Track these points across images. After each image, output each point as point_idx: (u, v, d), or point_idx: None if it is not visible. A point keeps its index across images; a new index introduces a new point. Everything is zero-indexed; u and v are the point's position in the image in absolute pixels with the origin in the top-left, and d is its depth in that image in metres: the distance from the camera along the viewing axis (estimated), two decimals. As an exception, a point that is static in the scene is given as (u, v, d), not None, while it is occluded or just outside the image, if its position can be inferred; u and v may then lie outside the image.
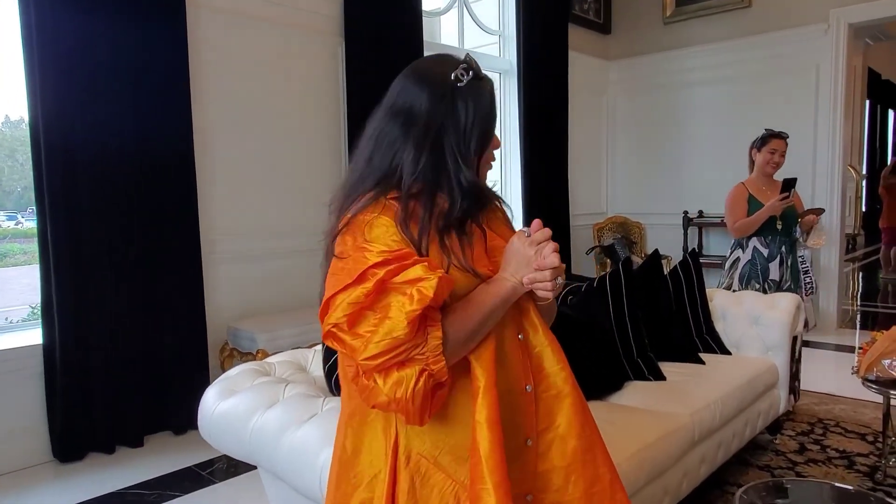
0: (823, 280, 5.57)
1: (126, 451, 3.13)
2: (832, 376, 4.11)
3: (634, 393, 2.43)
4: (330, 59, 4.08)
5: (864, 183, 10.23)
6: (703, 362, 2.82)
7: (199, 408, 1.80)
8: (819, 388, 3.86)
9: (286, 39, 3.84)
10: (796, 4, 5.51)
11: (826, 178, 5.46)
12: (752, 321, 3.09)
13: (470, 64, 1.11)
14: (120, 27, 3.02)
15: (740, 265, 3.71)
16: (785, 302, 3.08)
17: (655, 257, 3.00)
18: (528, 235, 1.08)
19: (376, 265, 1.00)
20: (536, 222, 1.10)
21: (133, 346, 3.16)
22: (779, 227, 3.64)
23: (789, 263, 3.67)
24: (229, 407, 1.72)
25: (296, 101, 3.92)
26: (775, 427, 3.12)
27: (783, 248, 3.66)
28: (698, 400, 2.38)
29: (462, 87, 1.10)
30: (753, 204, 3.68)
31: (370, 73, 4.05)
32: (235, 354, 3.51)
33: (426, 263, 1.01)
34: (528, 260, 1.07)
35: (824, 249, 5.55)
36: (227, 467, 2.91)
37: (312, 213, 4.01)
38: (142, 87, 3.11)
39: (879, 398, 3.65)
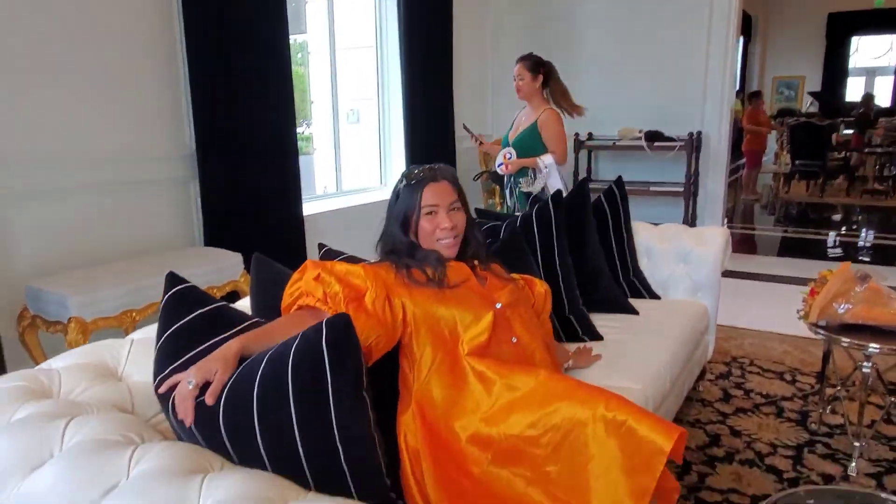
0: (710, 204, 5.49)
1: None
2: (732, 307, 3.95)
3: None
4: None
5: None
6: (636, 312, 2.40)
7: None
8: (721, 319, 3.67)
9: None
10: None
11: (717, 104, 5.28)
12: (679, 258, 2.72)
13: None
14: None
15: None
16: (715, 236, 2.73)
17: (583, 186, 2.49)
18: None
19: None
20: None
21: None
22: None
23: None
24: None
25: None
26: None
27: None
28: (647, 367, 1.94)
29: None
30: None
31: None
32: (39, 324, 2.62)
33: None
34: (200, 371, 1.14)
35: (711, 174, 5.45)
36: None
37: (140, 134, 3.09)
38: None
39: (784, 329, 3.59)
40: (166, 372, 1.17)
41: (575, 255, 2.32)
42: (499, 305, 1.51)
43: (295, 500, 0.90)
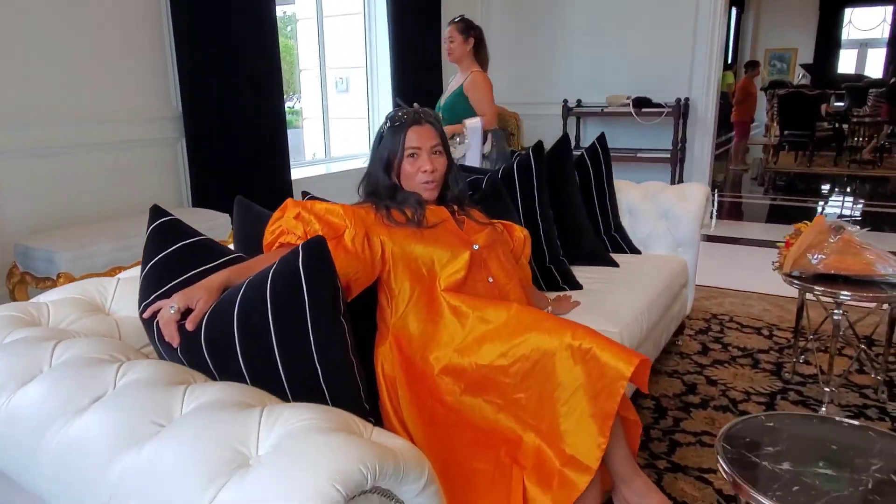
0: (696, 170, 5.53)
1: None
2: (715, 268, 4.03)
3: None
4: None
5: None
6: (616, 265, 2.46)
7: None
8: (704, 280, 3.74)
9: None
10: None
11: (704, 70, 5.29)
12: (661, 215, 2.77)
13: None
14: None
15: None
16: (695, 192, 2.78)
17: (564, 142, 2.53)
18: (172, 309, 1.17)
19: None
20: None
21: None
22: None
23: None
24: (-43, 385, 1.03)
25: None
26: (677, 328, 2.90)
27: None
28: (624, 312, 2.00)
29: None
30: None
31: None
32: (29, 280, 2.66)
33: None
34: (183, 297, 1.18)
35: (698, 140, 5.49)
36: None
37: (126, 94, 3.09)
38: None
39: (764, 289, 3.66)
40: (150, 299, 1.21)
41: (556, 209, 2.36)
42: (476, 247, 1.56)
43: (274, 405, 0.95)
